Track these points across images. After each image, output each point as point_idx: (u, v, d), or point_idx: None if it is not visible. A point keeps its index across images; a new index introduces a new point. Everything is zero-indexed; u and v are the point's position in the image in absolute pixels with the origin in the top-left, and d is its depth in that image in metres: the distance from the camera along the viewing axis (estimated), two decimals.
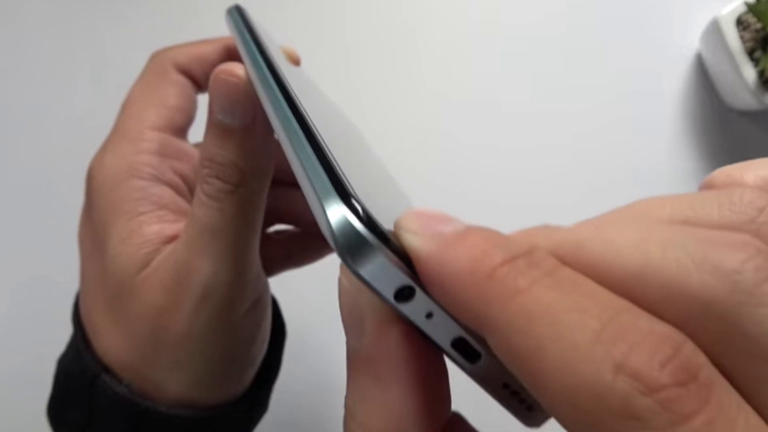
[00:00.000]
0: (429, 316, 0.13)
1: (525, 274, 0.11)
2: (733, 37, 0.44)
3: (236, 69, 0.21)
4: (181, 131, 0.27)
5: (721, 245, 0.11)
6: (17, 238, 0.49)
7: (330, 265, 0.25)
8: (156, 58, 0.27)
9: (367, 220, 0.12)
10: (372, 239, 0.12)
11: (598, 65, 0.50)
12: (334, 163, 0.13)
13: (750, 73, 0.44)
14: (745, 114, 0.49)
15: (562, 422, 0.10)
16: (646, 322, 0.10)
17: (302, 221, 0.31)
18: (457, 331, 0.13)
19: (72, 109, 0.50)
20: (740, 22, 0.45)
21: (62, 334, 0.28)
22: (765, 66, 0.43)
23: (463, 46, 0.51)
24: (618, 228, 0.12)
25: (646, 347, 0.10)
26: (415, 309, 0.12)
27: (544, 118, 0.49)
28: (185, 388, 0.24)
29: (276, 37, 0.26)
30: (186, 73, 0.27)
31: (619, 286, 0.11)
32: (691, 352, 0.10)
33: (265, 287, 0.26)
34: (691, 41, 0.50)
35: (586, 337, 0.10)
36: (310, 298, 0.41)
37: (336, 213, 0.12)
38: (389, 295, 0.12)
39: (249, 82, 0.21)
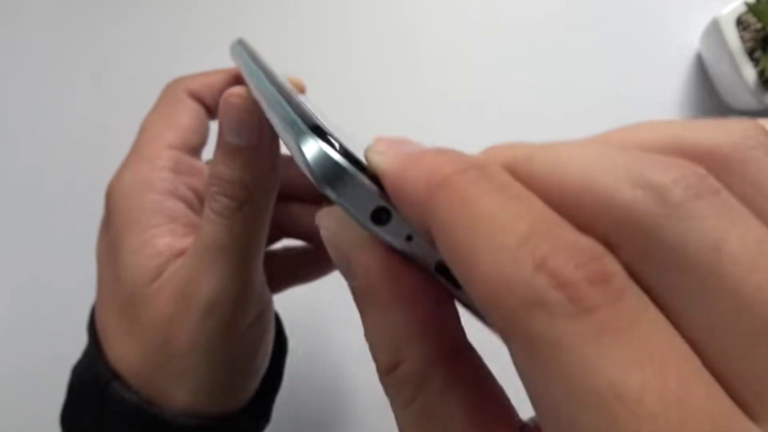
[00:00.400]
0: (409, 238, 0.13)
1: (473, 184, 0.12)
2: (733, 37, 0.44)
3: (242, 90, 0.23)
4: (195, 151, 0.29)
5: (659, 165, 0.11)
6: (17, 238, 0.49)
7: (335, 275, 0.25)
8: (171, 86, 0.29)
9: (339, 148, 0.13)
10: (342, 162, 0.13)
11: (598, 65, 0.50)
12: (310, 112, 0.15)
13: (750, 73, 0.44)
14: (745, 114, 0.49)
15: (488, 317, 0.11)
16: (572, 234, 0.11)
17: (308, 235, 0.32)
18: (438, 255, 0.13)
19: (72, 109, 0.50)
20: (740, 22, 0.45)
21: (62, 334, 0.28)
22: (765, 66, 0.43)
23: (463, 46, 0.51)
24: (570, 147, 0.13)
25: (567, 252, 0.10)
26: (394, 232, 0.13)
27: (545, 118, 0.49)
28: (190, 397, 0.25)
29: (284, 68, 0.27)
30: (198, 99, 0.29)
31: (560, 200, 0.12)
32: (609, 262, 0.11)
33: (269, 301, 0.27)
34: (691, 41, 0.50)
35: (515, 240, 0.11)
36: (316, 308, 0.41)
37: (310, 147, 0.13)
38: (366, 219, 0.13)
39: (253, 102, 0.22)
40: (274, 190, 0.25)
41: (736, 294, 0.10)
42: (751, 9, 0.43)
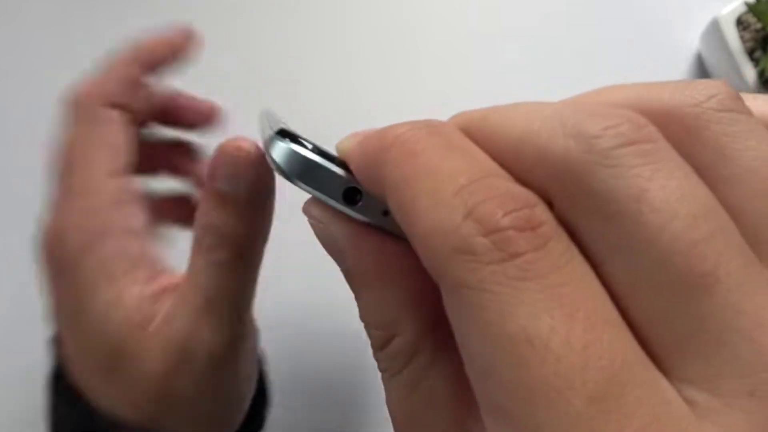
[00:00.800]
0: (385, 213, 0.14)
1: (421, 141, 0.12)
2: (733, 37, 0.44)
3: (244, 143, 0.21)
4: (131, 168, 0.26)
5: (595, 115, 0.11)
6: (18, 239, 0.49)
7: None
8: (82, 101, 0.26)
9: (312, 147, 0.14)
10: (308, 155, 0.14)
11: (598, 65, 0.50)
12: (282, 122, 0.16)
13: (750, 73, 0.44)
14: None
15: (425, 263, 0.11)
16: (507, 184, 0.11)
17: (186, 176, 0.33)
18: None
19: None
20: (740, 22, 0.45)
21: None
22: (765, 66, 0.43)
23: (463, 47, 0.51)
24: (519, 105, 0.13)
25: (497, 200, 0.11)
26: (369, 209, 0.14)
27: None
28: None
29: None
30: (121, 107, 0.26)
31: (504, 155, 0.12)
32: (539, 210, 0.11)
33: (256, 330, 0.26)
34: (691, 41, 0.50)
35: (451, 190, 0.11)
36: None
37: (277, 148, 0.14)
38: (340, 201, 0.14)
39: (256, 154, 0.21)
40: (268, 235, 0.23)
41: (653, 244, 0.10)
42: (751, 9, 0.43)
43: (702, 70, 0.50)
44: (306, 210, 0.15)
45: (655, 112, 0.12)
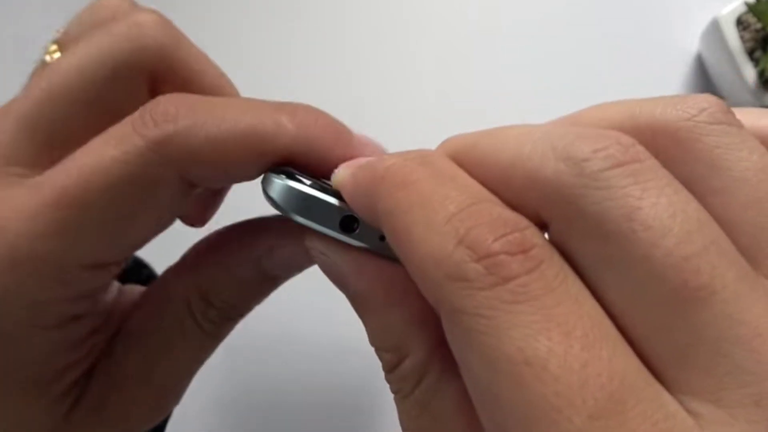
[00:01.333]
0: (382, 238, 0.14)
1: (412, 171, 0.12)
2: (733, 37, 0.44)
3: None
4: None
5: (584, 138, 0.11)
6: None
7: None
8: None
9: (309, 182, 0.15)
10: (302, 188, 0.15)
11: (598, 66, 0.50)
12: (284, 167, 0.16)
13: (750, 73, 0.44)
14: None
15: (422, 291, 0.12)
16: (497, 209, 0.11)
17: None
18: None
19: None
20: (740, 22, 0.45)
21: None
22: (765, 66, 0.43)
23: (463, 47, 0.51)
24: (508, 129, 0.13)
25: (488, 226, 0.11)
26: (366, 235, 0.15)
27: (545, 119, 0.49)
28: None
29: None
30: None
31: (495, 180, 0.12)
32: (530, 233, 0.11)
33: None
34: (691, 41, 0.50)
35: (442, 218, 0.11)
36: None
37: (272, 185, 0.15)
38: (337, 230, 0.15)
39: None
40: None
41: (646, 261, 0.10)
42: (751, 9, 0.43)
43: (702, 70, 0.50)
44: (308, 244, 0.16)
45: (648, 128, 0.13)
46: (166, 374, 0.19)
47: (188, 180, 0.15)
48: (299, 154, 0.15)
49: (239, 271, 0.18)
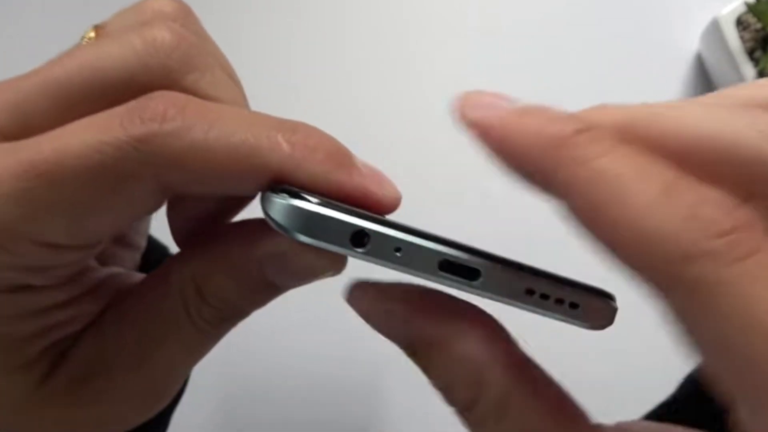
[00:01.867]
0: (398, 250, 0.14)
1: (592, 144, 0.12)
2: (733, 37, 0.44)
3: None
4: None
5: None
6: None
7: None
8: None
9: (317, 200, 0.14)
10: (307, 205, 0.13)
11: (598, 66, 0.50)
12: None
13: (750, 73, 0.44)
14: None
15: (636, 269, 0.12)
16: (703, 187, 0.12)
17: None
18: (438, 254, 0.13)
19: None
20: (740, 22, 0.45)
21: None
22: (765, 66, 0.43)
23: (463, 47, 0.51)
24: (689, 107, 0.13)
25: (711, 202, 0.11)
26: (380, 249, 0.14)
27: None
28: None
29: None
30: None
31: (685, 158, 0.12)
32: (748, 208, 0.11)
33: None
34: (691, 41, 0.50)
35: (656, 194, 0.11)
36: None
37: (274, 206, 0.14)
38: (347, 246, 0.13)
39: None
40: None
41: None
42: (751, 9, 0.43)
43: (702, 70, 0.50)
44: (352, 303, 0.15)
45: None
46: (157, 365, 0.18)
47: (165, 184, 0.15)
48: (293, 174, 0.15)
49: (237, 272, 0.17)
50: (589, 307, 0.14)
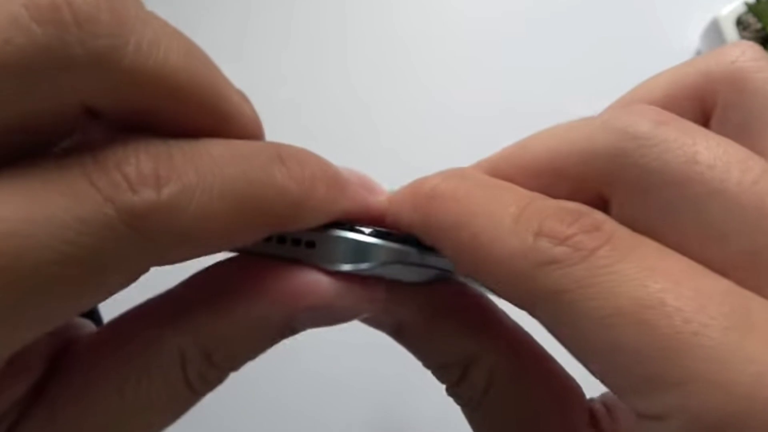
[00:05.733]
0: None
1: (458, 186, 0.13)
2: (733, 37, 0.44)
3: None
4: None
5: (620, 112, 0.13)
6: None
7: None
8: None
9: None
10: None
11: (598, 65, 0.50)
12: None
13: None
14: None
15: (503, 289, 0.12)
16: (554, 202, 0.12)
17: None
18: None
19: None
20: (740, 22, 0.45)
21: None
22: None
23: (462, 47, 0.51)
24: (538, 134, 0.14)
25: (557, 216, 0.12)
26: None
27: (544, 119, 0.49)
28: None
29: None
30: None
31: (542, 174, 0.13)
32: (596, 215, 0.12)
33: None
34: (691, 41, 0.50)
35: (509, 219, 0.12)
36: None
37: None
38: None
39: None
40: None
41: (720, 195, 0.11)
42: (751, 9, 0.43)
43: None
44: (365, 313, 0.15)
45: (695, 84, 0.14)
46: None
47: (157, 262, 0.11)
48: (301, 216, 0.13)
49: (261, 333, 0.15)
50: (325, 243, 0.14)
